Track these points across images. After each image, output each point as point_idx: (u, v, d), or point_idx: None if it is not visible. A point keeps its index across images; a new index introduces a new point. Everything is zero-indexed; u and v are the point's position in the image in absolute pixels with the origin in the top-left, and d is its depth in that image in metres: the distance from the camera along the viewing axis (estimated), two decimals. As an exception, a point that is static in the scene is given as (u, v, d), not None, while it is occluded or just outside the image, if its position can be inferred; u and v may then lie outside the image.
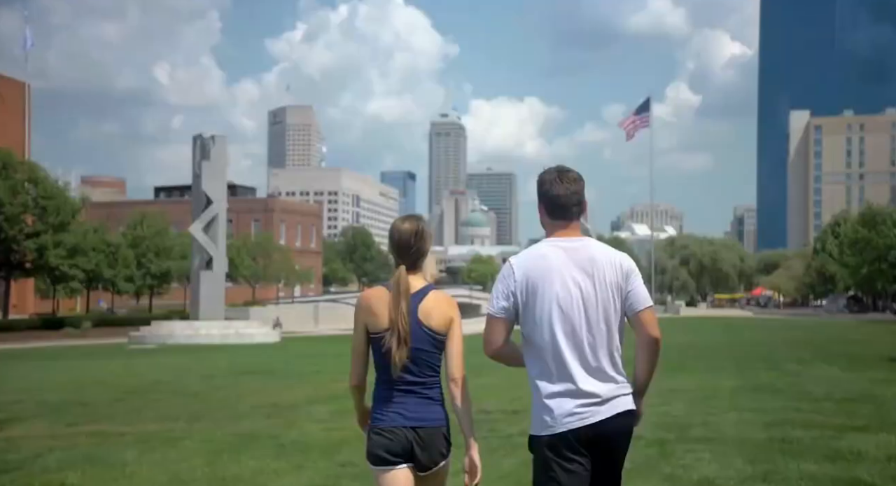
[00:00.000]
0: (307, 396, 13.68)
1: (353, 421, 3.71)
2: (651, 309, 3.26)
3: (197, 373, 19.63)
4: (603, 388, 3.14)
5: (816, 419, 9.86)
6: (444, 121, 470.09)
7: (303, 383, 16.50)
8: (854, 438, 8.44)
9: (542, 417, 3.16)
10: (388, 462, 3.26)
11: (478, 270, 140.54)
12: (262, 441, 8.82)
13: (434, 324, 3.33)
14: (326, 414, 11.07)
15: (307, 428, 9.77)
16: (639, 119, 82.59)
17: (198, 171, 42.37)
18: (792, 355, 23.70)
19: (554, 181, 3.28)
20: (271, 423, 10.36)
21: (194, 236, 41.90)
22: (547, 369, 3.17)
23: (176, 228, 77.25)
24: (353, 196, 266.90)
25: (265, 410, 11.77)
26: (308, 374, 19.27)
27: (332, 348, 34.66)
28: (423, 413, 3.29)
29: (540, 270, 3.18)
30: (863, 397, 12.51)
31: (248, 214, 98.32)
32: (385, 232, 54.05)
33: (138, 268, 63.71)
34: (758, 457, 7.40)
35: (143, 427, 10.15)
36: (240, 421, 10.63)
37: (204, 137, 43.44)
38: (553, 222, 3.29)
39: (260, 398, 13.40)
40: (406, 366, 3.29)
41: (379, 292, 3.40)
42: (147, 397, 14.00)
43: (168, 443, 8.81)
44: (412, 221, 3.45)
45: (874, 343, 32.02)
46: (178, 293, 74.13)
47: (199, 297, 41.66)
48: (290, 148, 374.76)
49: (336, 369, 21.11)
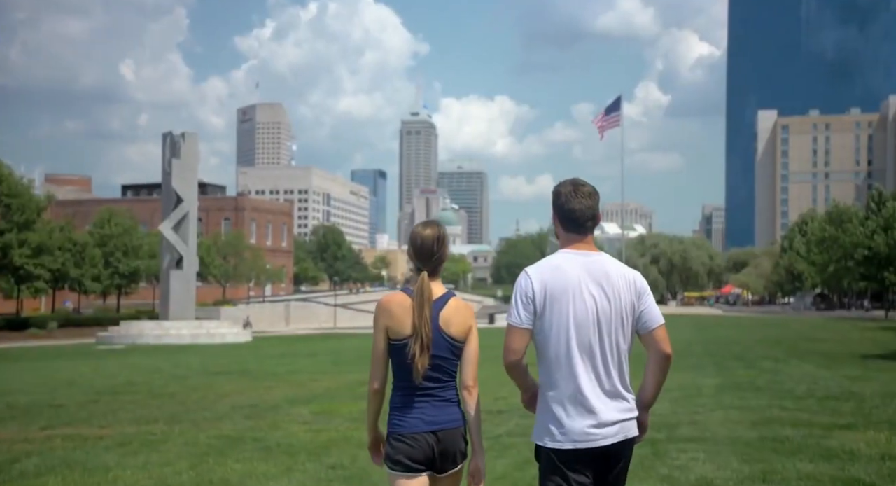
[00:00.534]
0: (286, 396, 13.48)
1: (365, 437, 3.65)
2: (664, 326, 3.30)
3: (170, 374, 19.34)
4: (613, 408, 3.17)
5: (803, 417, 9.88)
6: (415, 119, 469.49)
7: (280, 383, 16.28)
8: (843, 436, 8.45)
9: (551, 428, 3.18)
10: (410, 469, 3.26)
11: (449, 268, 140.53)
12: (247, 443, 8.63)
13: (454, 331, 3.33)
14: (309, 415, 10.89)
15: (291, 430, 9.58)
16: (610, 118, 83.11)
17: (168, 168, 41.81)
18: (766, 353, 23.94)
19: (570, 195, 3.29)
20: (253, 424, 10.16)
21: (164, 235, 41.35)
22: (559, 382, 3.18)
23: (145, 226, 76.30)
24: (324, 195, 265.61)
25: (245, 411, 11.55)
26: (284, 374, 19.05)
27: (306, 348, 34.40)
28: (442, 416, 3.30)
29: (557, 282, 3.17)
30: (843, 394, 12.58)
31: (218, 213, 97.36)
32: (356, 231, 54.15)
33: (106, 267, 62.68)
34: (752, 456, 7.36)
35: (121, 429, 9.89)
36: (220, 422, 10.41)
37: (174, 135, 42.89)
38: (567, 235, 3.31)
39: (238, 399, 13.17)
40: (426, 373, 3.30)
41: (400, 297, 3.36)
42: (122, 398, 13.70)
43: (149, 446, 8.58)
44: (434, 227, 3.43)
45: (843, 341, 32.47)
46: (147, 293, 73.19)
47: (168, 296, 41.13)
48: (260, 146, 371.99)
49: (312, 369, 20.92)
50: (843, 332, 41.03)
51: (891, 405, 11.16)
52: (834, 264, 70.65)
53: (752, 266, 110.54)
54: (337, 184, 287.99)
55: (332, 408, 11.58)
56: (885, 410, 10.71)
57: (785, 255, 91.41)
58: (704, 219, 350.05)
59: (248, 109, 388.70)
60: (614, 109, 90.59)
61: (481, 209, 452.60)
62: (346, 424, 10.03)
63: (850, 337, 35.76)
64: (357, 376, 17.59)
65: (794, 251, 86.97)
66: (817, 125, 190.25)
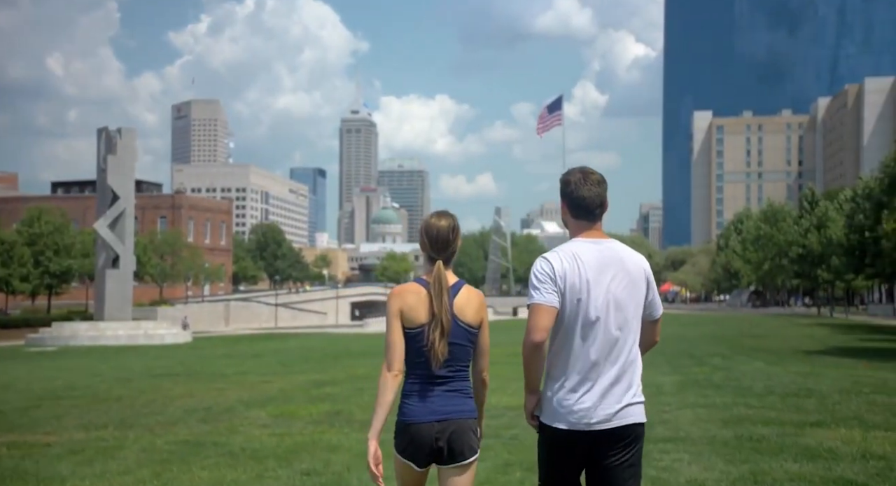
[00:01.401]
0: (240, 399, 13.01)
1: (369, 434, 3.37)
2: (661, 317, 3.47)
3: (112, 376, 18.60)
4: (621, 392, 3.22)
5: (771, 415, 9.88)
6: (355, 117, 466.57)
7: (230, 385, 15.77)
8: (817, 434, 8.45)
9: (559, 409, 3.22)
10: (412, 458, 3.28)
11: (392, 267, 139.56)
12: (209, 449, 8.20)
13: (469, 319, 3.35)
14: (268, 418, 10.48)
15: (252, 434, 9.17)
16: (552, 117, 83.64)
17: (103, 165, 40.53)
18: (713, 350, 24.25)
19: (579, 182, 3.34)
20: (211, 428, 9.72)
21: (99, 233, 40.06)
22: (569, 364, 3.22)
23: (77, 224, 73.93)
24: (262, 193, 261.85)
25: (199, 414, 11.08)
26: (232, 375, 18.51)
27: (249, 348, 33.69)
28: (454, 406, 3.29)
29: (574, 268, 3.22)
30: (801, 391, 12.70)
31: (154, 211, 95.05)
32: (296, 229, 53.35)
33: (35, 267, 60.44)
34: (735, 457, 7.26)
35: (69, 436, 9.35)
36: (175, 427, 9.93)
37: (110, 130, 41.59)
38: (577, 222, 3.37)
39: (189, 402, 12.66)
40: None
41: (413, 286, 3.39)
42: (64, 402, 13.04)
43: (104, 453, 8.08)
44: (448, 218, 3.46)
45: (783, 337, 33.26)
46: (79, 293, 70.95)
47: (104, 296, 39.85)
48: (195, 143, 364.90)
49: (260, 370, 20.39)
50: (780, 328, 42.04)
51: (851, 402, 11.28)
52: (769, 261, 72.48)
53: (690, 264, 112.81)
54: (276, 182, 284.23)
55: (290, 411, 11.18)
56: (847, 406, 10.81)
57: (721, 253, 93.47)
58: (642, 217, 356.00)
59: (183, 105, 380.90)
60: (556, 107, 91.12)
61: (422, 208, 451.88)
62: (310, 427, 9.66)
63: (787, 334, 36.64)
64: (309, 377, 17.18)
65: (730, 250, 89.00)
66: (750, 126, 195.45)
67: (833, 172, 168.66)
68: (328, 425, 9.76)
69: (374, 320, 62.78)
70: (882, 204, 43.80)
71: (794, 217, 70.13)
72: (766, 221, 75.62)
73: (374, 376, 15.27)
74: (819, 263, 62.10)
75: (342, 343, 35.83)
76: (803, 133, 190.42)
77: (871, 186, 49.67)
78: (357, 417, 10.47)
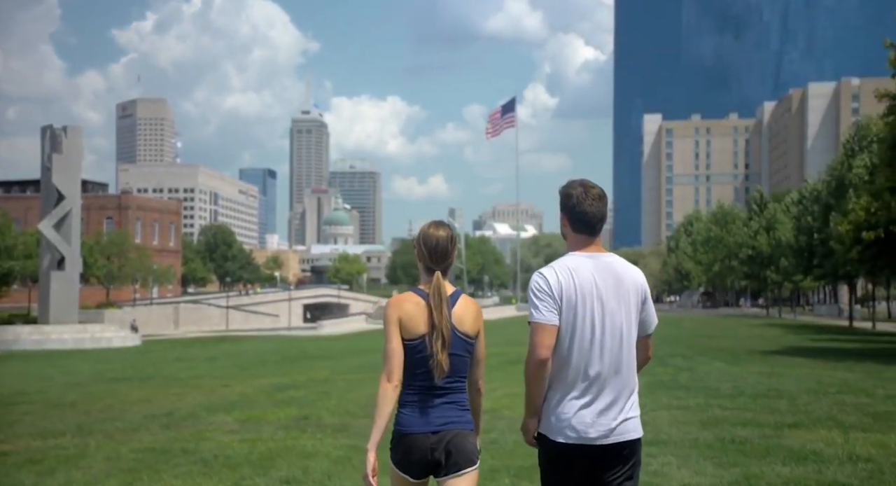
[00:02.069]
0: (201, 403, 12.60)
1: (367, 444, 3.24)
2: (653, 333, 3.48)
3: (63, 381, 17.99)
4: (620, 407, 3.21)
5: (746, 416, 9.84)
6: (306, 118, 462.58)
7: (188, 389, 15.30)
8: (797, 436, 8.42)
9: (558, 423, 3.20)
10: (407, 470, 3.22)
11: (345, 269, 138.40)
12: (178, 456, 7.83)
13: (467, 328, 3.33)
14: (235, 424, 10.12)
15: (222, 440, 8.81)
16: (505, 118, 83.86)
17: (48, 164, 39.35)
18: (672, 350, 24.40)
19: (581, 197, 3.33)
20: (175, 435, 9.32)
21: (44, 234, 38.87)
22: (571, 378, 3.21)
23: (18, 225, 71.79)
24: (211, 193, 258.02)
25: (161, 420, 10.66)
26: (188, 379, 18.04)
27: (202, 352, 33.01)
28: (452, 418, 3.26)
29: (572, 283, 3.23)
30: (770, 391, 12.73)
31: (100, 212, 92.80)
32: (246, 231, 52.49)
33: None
34: (723, 460, 7.15)
35: (26, 444, 8.88)
36: (137, 434, 9.52)
37: (55, 129, 40.40)
38: (578, 236, 3.36)
39: (148, 407, 12.21)
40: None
41: (411, 297, 3.34)
42: (16, 409, 12.49)
43: (66, 462, 7.66)
44: (446, 228, 3.45)
45: (736, 337, 33.74)
46: (21, 296, 68.91)
47: (48, 299, 38.67)
48: (142, 143, 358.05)
49: (216, 373, 19.91)
50: (732, 329, 42.67)
51: (821, 402, 11.33)
52: (719, 263, 73.56)
53: (641, 266, 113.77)
54: (225, 183, 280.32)
55: (256, 415, 10.82)
56: (819, 407, 10.84)
57: (672, 254, 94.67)
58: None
59: (129, 104, 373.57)
60: (509, 109, 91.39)
61: (374, 209, 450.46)
62: (280, 432, 9.33)
63: (741, 334, 37.17)
64: (270, 381, 16.78)
65: (681, 251, 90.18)
66: (699, 129, 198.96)
67: (778, 174, 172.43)
68: (299, 430, 9.45)
69: (328, 323, 62.13)
70: (830, 206, 44.71)
71: (743, 219, 71.31)
72: (716, 223, 76.78)
73: (335, 380, 14.94)
74: (768, 264, 63.20)
75: (298, 346, 35.32)
76: (749, 136, 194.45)
77: (819, 188, 50.70)
78: (327, 421, 10.17)
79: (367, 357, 24.52)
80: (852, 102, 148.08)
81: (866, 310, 67.21)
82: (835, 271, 46.65)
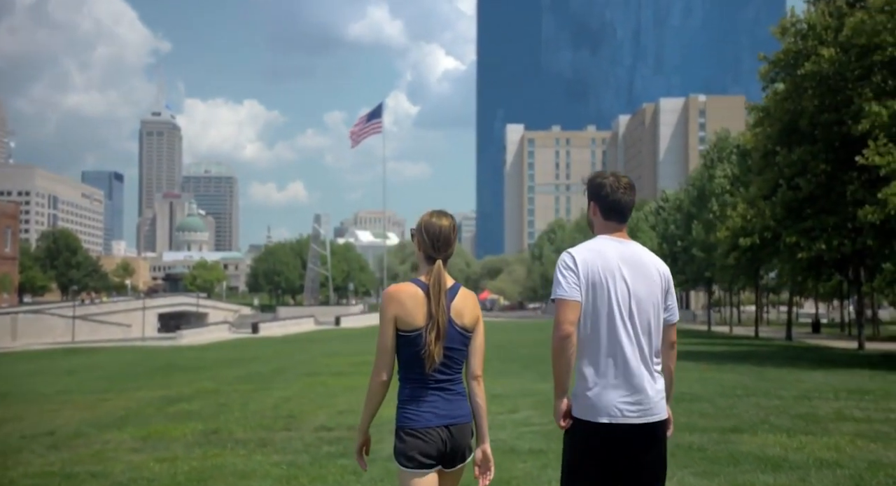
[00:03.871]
0: (83, 420, 11.17)
1: (354, 444, 3.12)
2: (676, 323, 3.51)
3: None
4: (650, 387, 3.23)
5: (682, 420, 9.46)
6: (157, 119, 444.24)
7: (60, 405, 13.71)
8: (746, 441, 8.17)
9: (597, 404, 3.19)
10: (422, 465, 3.15)
11: (202, 276, 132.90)
12: (87, 481, 6.68)
13: (466, 322, 3.30)
14: (134, 442, 8.89)
15: (132, 460, 7.64)
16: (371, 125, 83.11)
17: None
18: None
19: (614, 186, 3.41)
20: (70, 456, 8.03)
21: None
22: (600, 360, 3.22)
23: None
24: (50, 197, 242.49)
25: (42, 440, 9.27)
26: (53, 395, 16.32)
27: (54, 365, 30.59)
28: (454, 410, 3.23)
29: (599, 265, 3.27)
30: (686, 396, 12.52)
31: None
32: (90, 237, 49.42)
33: None
34: (698, 469, 6.73)
35: None
36: (20, 456, 8.19)
37: None
38: (607, 223, 3.43)
39: (22, 426, 10.71)
40: (438, 364, 3.25)
41: (409, 287, 3.28)
42: None
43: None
44: (448, 217, 3.42)
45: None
46: None
47: None
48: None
49: (85, 388, 18.18)
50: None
51: (741, 405, 11.25)
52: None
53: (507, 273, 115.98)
54: (66, 185, 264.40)
55: (157, 431, 9.57)
56: (743, 410, 10.70)
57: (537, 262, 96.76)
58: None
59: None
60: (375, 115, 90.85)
61: (231, 216, 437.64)
62: (195, 449, 8.19)
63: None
64: (151, 393, 15.29)
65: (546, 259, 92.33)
66: (559, 140, 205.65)
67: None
68: (217, 446, 8.35)
69: (188, 332, 59.06)
70: (692, 215, 46.66)
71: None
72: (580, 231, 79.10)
73: (226, 391, 13.63)
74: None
75: (162, 357, 33.16)
76: (606, 148, 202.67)
77: (681, 198, 52.92)
78: (240, 436, 9.11)
79: (246, 367, 23.10)
80: (699, 118, 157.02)
81: (718, 315, 70.89)
82: (696, 277, 48.73)
